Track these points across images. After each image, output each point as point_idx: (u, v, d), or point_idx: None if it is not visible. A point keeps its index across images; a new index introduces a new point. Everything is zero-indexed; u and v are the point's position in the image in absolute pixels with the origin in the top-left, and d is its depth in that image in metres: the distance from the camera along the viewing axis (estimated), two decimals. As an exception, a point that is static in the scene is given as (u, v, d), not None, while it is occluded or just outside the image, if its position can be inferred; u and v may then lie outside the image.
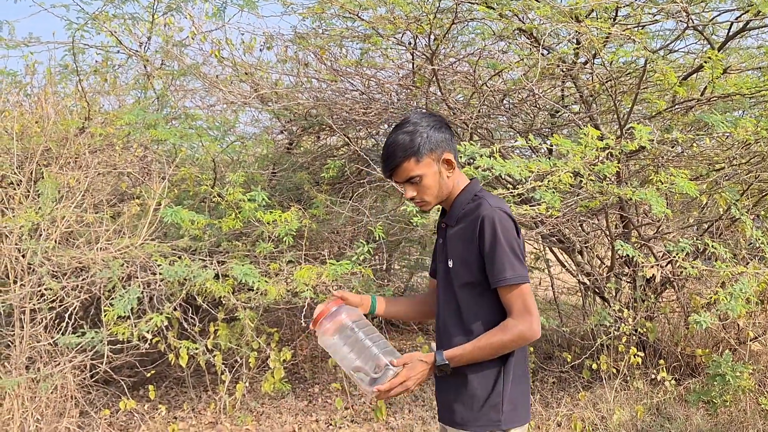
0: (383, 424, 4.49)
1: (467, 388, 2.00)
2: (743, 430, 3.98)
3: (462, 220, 2.02)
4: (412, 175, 1.96)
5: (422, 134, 1.96)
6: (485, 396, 1.99)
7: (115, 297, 3.96)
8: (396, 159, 1.95)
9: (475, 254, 1.95)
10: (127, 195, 4.81)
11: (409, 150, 1.94)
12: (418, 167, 1.95)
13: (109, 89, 5.03)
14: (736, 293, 3.87)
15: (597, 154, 3.88)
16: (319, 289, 4.23)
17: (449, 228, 2.06)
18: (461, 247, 1.99)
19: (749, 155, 4.51)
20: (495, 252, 1.91)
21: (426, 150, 1.96)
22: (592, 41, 3.97)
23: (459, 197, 2.04)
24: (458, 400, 2.02)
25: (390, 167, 1.98)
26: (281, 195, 5.03)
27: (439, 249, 2.14)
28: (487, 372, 2.00)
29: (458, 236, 2.02)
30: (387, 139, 2.01)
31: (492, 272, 1.93)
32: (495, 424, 1.99)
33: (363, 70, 4.84)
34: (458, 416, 2.01)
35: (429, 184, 1.98)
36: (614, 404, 4.39)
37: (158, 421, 4.48)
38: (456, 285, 2.01)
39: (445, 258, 2.06)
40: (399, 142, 1.95)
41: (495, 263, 1.92)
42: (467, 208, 2.01)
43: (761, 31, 4.53)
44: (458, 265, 2.00)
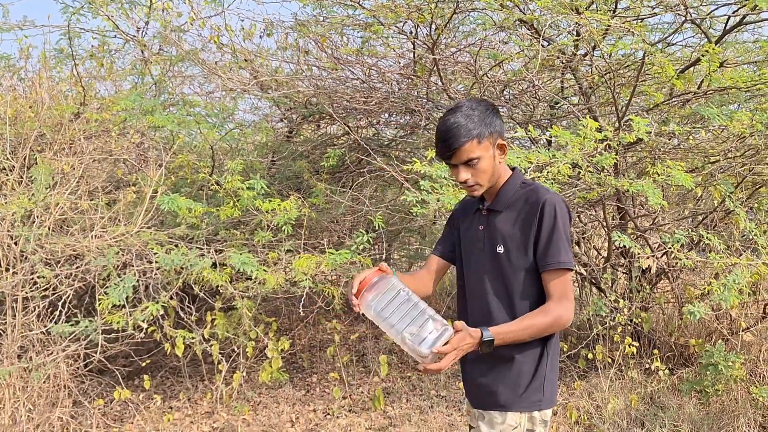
0: (381, 414, 4.49)
1: (513, 369, 2.02)
2: (734, 419, 4.03)
3: (513, 207, 2.04)
4: (472, 156, 1.96)
5: (482, 117, 1.97)
6: (530, 377, 2.02)
7: (110, 285, 3.90)
8: (459, 140, 1.94)
9: (531, 239, 1.98)
10: (123, 182, 4.74)
11: (473, 131, 1.95)
12: (479, 149, 1.97)
13: (106, 74, 4.94)
14: (729, 284, 3.92)
15: (595, 146, 3.92)
16: (318, 278, 4.22)
17: (495, 213, 2.07)
18: (518, 233, 2.01)
19: (744, 148, 4.57)
20: (553, 235, 1.95)
21: (486, 133, 1.97)
22: (591, 33, 3.99)
23: (507, 184, 2.08)
24: (502, 382, 2.04)
25: (452, 148, 1.96)
26: (280, 183, 4.99)
27: (476, 235, 2.12)
28: (532, 353, 2.03)
29: (510, 222, 2.03)
30: (444, 121, 1.99)
31: (546, 254, 1.96)
32: (536, 405, 2.03)
33: (364, 58, 4.81)
34: (502, 398, 2.03)
35: (485, 167, 2.00)
36: (609, 393, 4.43)
37: (153, 411, 4.43)
38: (509, 270, 2.02)
39: (491, 243, 2.06)
40: (462, 123, 1.95)
41: (551, 246, 1.96)
42: (517, 195, 2.05)
43: (757, 26, 4.58)
44: (513, 250, 2.01)
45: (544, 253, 1.96)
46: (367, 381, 4.99)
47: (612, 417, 4.19)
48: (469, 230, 2.17)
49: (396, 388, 4.90)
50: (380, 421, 4.41)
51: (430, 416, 4.41)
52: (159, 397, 4.35)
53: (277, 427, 4.31)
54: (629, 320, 4.64)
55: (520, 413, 2.02)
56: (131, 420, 4.37)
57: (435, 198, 3.81)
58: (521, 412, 2.02)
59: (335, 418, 4.42)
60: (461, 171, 2.00)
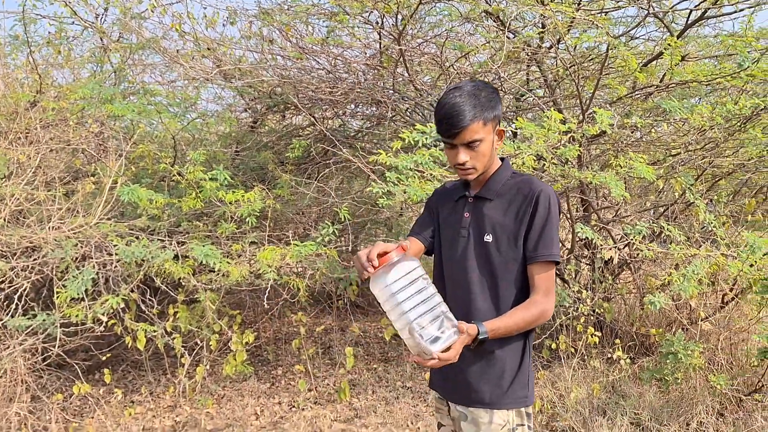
0: (347, 405, 4.48)
1: (496, 365, 1.98)
2: (693, 407, 4.11)
3: (504, 196, 2.00)
4: (476, 138, 1.90)
5: (489, 99, 1.92)
6: (514, 373, 1.98)
7: (69, 278, 3.82)
8: (466, 119, 1.86)
9: (522, 230, 1.94)
10: (81, 172, 4.62)
11: (480, 112, 1.88)
12: (483, 131, 1.91)
13: (63, 62, 4.80)
14: (688, 275, 4.00)
15: (560, 138, 3.94)
16: (283, 270, 4.18)
17: (483, 201, 2.02)
18: (509, 223, 1.96)
19: (704, 141, 4.65)
20: (545, 227, 1.92)
21: (491, 116, 1.92)
22: (556, 25, 4.00)
23: (498, 172, 2.03)
24: (484, 379, 1.99)
25: (458, 126, 1.87)
26: (244, 174, 4.92)
27: (460, 222, 2.05)
28: (514, 348, 1.99)
29: (501, 211, 1.98)
30: (450, 98, 1.90)
31: (537, 246, 1.93)
32: (522, 401, 1.99)
33: (329, 48, 4.75)
34: (487, 396, 1.98)
35: (485, 151, 1.93)
36: (572, 382, 4.49)
37: (114, 406, 4.36)
38: (497, 260, 1.97)
39: (478, 232, 2.00)
40: (469, 102, 1.87)
41: (543, 237, 1.92)
42: (508, 184, 2.01)
43: (718, 20, 4.65)
44: (503, 240, 1.96)
45: (536, 244, 1.92)
46: (333, 373, 4.98)
47: (575, 406, 4.24)
48: (451, 217, 2.11)
49: (362, 379, 4.90)
50: (346, 412, 4.40)
51: (396, 407, 4.42)
52: (120, 392, 4.28)
53: (242, 420, 4.27)
54: (592, 310, 4.71)
55: (508, 410, 1.97)
56: (91, 415, 4.29)
57: (401, 189, 3.79)
58: (508, 409, 1.97)
59: (300, 411, 4.40)
60: (461, 152, 1.92)
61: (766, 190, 5.17)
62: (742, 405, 4.11)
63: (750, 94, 4.58)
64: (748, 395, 4.12)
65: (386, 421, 4.25)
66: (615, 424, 4.00)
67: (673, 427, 3.94)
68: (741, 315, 4.85)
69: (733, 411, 4.10)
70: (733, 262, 4.03)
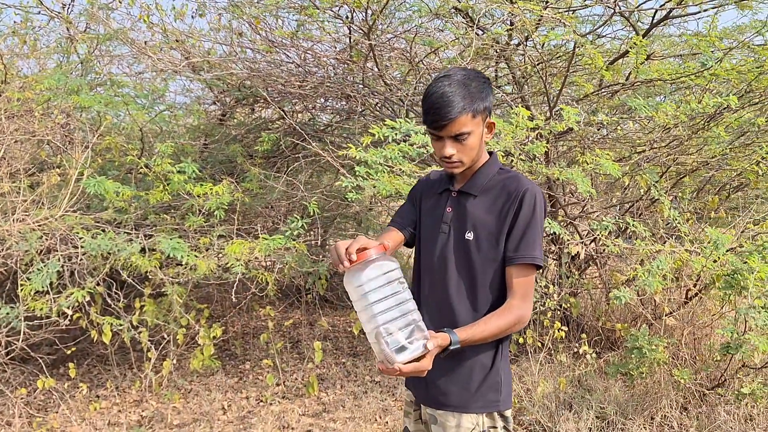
0: (315, 400, 4.48)
1: (464, 366, 1.89)
2: (657, 401, 4.17)
3: (489, 192, 1.90)
4: (464, 131, 1.79)
5: (480, 90, 1.81)
6: (483, 375, 1.88)
7: (33, 271, 3.77)
8: (453, 111, 1.76)
9: (505, 230, 1.84)
10: (46, 164, 4.57)
11: (470, 103, 1.78)
12: (472, 124, 1.80)
13: (29, 52, 4.73)
14: (653, 270, 4.05)
15: (527, 135, 3.98)
16: (251, 264, 4.17)
17: (467, 197, 1.92)
18: (491, 221, 1.87)
19: (669, 139, 4.72)
20: (528, 228, 1.82)
21: (480, 108, 1.81)
22: (524, 23, 4.05)
23: (485, 167, 1.93)
24: (452, 380, 1.90)
25: (446, 118, 1.77)
26: (213, 167, 4.89)
27: (441, 217, 1.96)
28: (485, 348, 1.89)
29: (484, 208, 1.88)
30: (438, 87, 1.79)
31: (518, 247, 1.83)
32: (494, 405, 1.89)
33: (299, 42, 4.75)
34: (454, 398, 1.89)
35: (473, 144, 1.83)
36: (539, 377, 4.53)
37: (79, 400, 4.31)
38: (476, 259, 1.87)
39: (460, 228, 1.91)
40: (458, 93, 1.77)
41: (525, 238, 1.82)
42: (494, 180, 1.90)
43: (683, 20, 4.73)
44: (484, 239, 1.87)
45: (517, 245, 1.82)
46: (301, 368, 4.98)
47: (541, 400, 4.29)
48: (433, 211, 2.01)
49: (330, 374, 4.90)
50: (314, 407, 4.40)
51: (364, 402, 4.43)
52: (85, 386, 4.24)
53: (209, 415, 4.25)
54: (559, 305, 4.76)
55: (477, 414, 1.87)
56: (56, 409, 4.24)
57: (371, 184, 3.80)
58: (477, 413, 1.87)
59: (268, 405, 4.39)
60: (447, 145, 1.82)
61: (728, 188, 5.27)
62: (706, 399, 4.18)
63: (714, 93, 4.67)
64: (711, 389, 4.19)
65: (354, 415, 4.26)
66: (581, 418, 4.05)
67: (638, 421, 3.99)
68: (704, 310, 4.93)
69: (696, 405, 4.17)
70: (696, 258, 4.09)
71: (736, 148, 4.85)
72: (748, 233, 4.63)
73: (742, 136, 4.90)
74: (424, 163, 4.60)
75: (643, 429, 3.92)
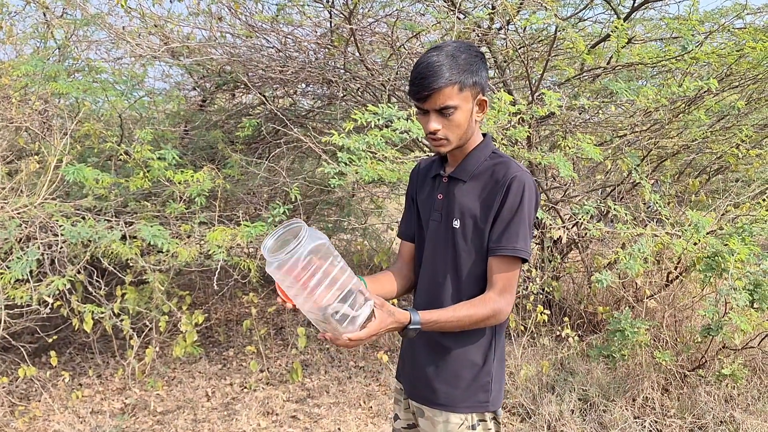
0: (299, 386, 4.49)
1: (452, 363, 1.83)
2: (639, 382, 4.22)
3: (479, 178, 1.81)
4: (449, 104, 1.68)
5: (469, 62, 1.70)
6: (474, 374, 1.83)
7: (12, 259, 3.73)
8: (439, 80, 1.65)
9: (491, 219, 1.76)
10: (25, 151, 4.51)
11: (456, 75, 1.67)
12: (458, 98, 1.69)
13: (5, 38, 4.66)
14: (635, 253, 4.07)
15: (509, 119, 3.98)
16: (233, 251, 4.15)
17: (456, 182, 1.84)
18: (478, 210, 1.78)
19: (650, 122, 4.74)
20: (513, 217, 1.73)
21: (470, 82, 1.70)
22: (506, 7, 4.03)
23: (475, 151, 1.83)
24: (440, 377, 1.84)
25: (430, 88, 1.66)
26: (194, 154, 4.85)
27: (434, 204, 1.89)
28: (476, 345, 1.83)
29: (473, 195, 1.80)
30: (426, 57, 1.70)
31: (501, 237, 1.74)
32: (483, 406, 1.84)
33: (279, 26, 4.70)
34: (441, 396, 1.83)
35: (460, 121, 1.72)
36: (522, 360, 4.56)
37: (61, 388, 4.30)
38: (462, 248, 1.80)
39: (447, 216, 1.84)
40: (444, 63, 1.66)
41: (509, 229, 1.73)
42: (484, 165, 1.81)
43: (664, 3, 4.74)
44: (470, 227, 1.79)
45: (500, 235, 1.73)
46: (285, 354, 4.98)
47: (525, 383, 4.32)
48: (428, 199, 1.93)
49: (314, 360, 4.91)
50: (298, 393, 4.41)
51: (348, 387, 4.44)
52: (67, 374, 4.22)
53: (193, 402, 4.25)
54: (541, 289, 4.78)
55: (465, 414, 1.82)
56: (38, 398, 4.23)
57: (353, 170, 3.78)
58: (465, 413, 1.82)
59: (252, 392, 4.40)
60: (432, 119, 1.72)
61: (709, 171, 5.31)
62: (687, 380, 4.23)
63: (695, 76, 4.68)
64: (692, 371, 4.24)
65: (339, 400, 4.27)
66: (563, 400, 4.09)
67: (619, 402, 4.04)
68: (685, 293, 4.98)
69: (677, 386, 4.22)
70: (678, 241, 4.11)
71: (716, 131, 4.88)
72: (729, 216, 4.67)
73: (722, 119, 4.92)
74: (406, 148, 4.59)
75: (625, 410, 3.97)
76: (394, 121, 3.68)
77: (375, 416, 4.07)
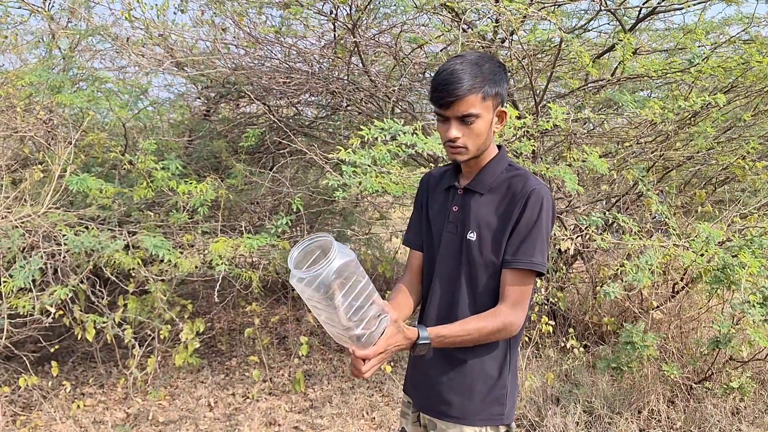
0: (302, 396, 4.47)
1: (467, 375, 1.81)
2: (645, 395, 4.18)
3: (496, 191, 1.80)
4: (471, 112, 1.68)
5: (493, 72, 1.71)
6: (487, 387, 1.81)
7: (15, 268, 3.74)
8: (463, 87, 1.66)
9: (508, 231, 1.75)
10: (29, 160, 4.53)
11: (480, 83, 1.67)
12: (481, 107, 1.69)
13: (9, 47, 4.68)
14: (642, 265, 4.03)
15: (515, 133, 3.96)
16: (236, 261, 4.14)
17: (472, 194, 1.83)
18: (496, 222, 1.77)
19: (655, 134, 4.72)
20: (531, 230, 1.72)
21: (492, 92, 1.70)
22: (510, 21, 4.02)
23: (492, 163, 1.83)
24: (454, 390, 1.82)
25: (454, 95, 1.66)
26: (197, 164, 4.86)
27: (448, 216, 1.87)
28: (491, 357, 1.81)
29: (490, 208, 1.79)
30: (449, 65, 1.70)
31: (518, 249, 1.73)
32: (497, 419, 1.82)
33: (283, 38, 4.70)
34: (455, 409, 1.82)
35: (480, 129, 1.72)
36: (526, 371, 4.53)
37: (63, 398, 4.29)
38: (479, 262, 1.79)
39: (463, 228, 1.82)
40: (469, 71, 1.67)
41: (526, 242, 1.73)
42: (501, 178, 1.81)
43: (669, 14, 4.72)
44: (488, 240, 1.78)
45: (516, 248, 1.73)
46: (288, 363, 4.96)
47: (529, 395, 4.29)
48: (441, 211, 1.92)
49: (317, 370, 4.89)
50: (301, 403, 4.39)
51: (351, 398, 4.42)
52: (69, 384, 4.22)
53: (195, 412, 4.24)
54: (546, 300, 4.75)
55: (479, 428, 1.81)
56: (40, 407, 4.22)
57: (357, 182, 3.77)
58: (478, 426, 1.81)
59: (255, 402, 4.38)
60: (453, 126, 1.71)
61: (715, 182, 5.27)
62: (693, 393, 4.19)
63: (700, 89, 4.66)
64: (699, 383, 4.20)
65: (342, 411, 4.25)
66: (568, 412, 4.06)
67: (625, 414, 4.01)
68: (691, 304, 4.95)
69: (683, 399, 4.18)
70: (686, 253, 4.07)
71: (722, 142, 4.85)
72: (735, 227, 4.63)
73: (728, 131, 4.89)
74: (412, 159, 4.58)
75: (631, 423, 3.93)
76: (400, 136, 3.66)
77: (378, 427, 4.05)
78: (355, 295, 1.54)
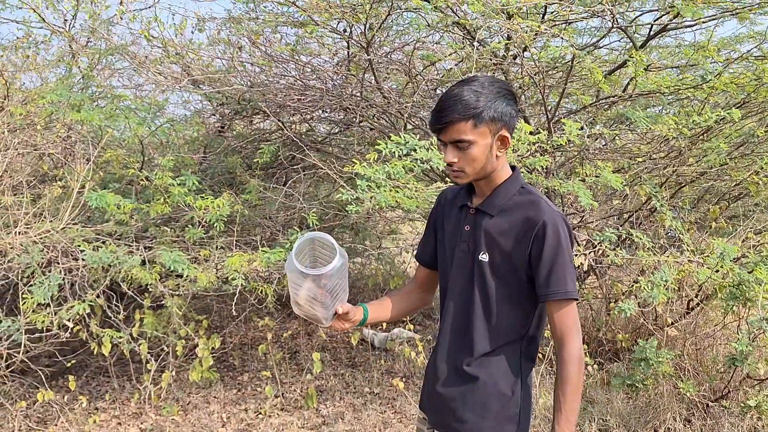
0: (314, 412, 4.47)
1: (479, 391, 1.82)
2: (661, 413, 4.14)
3: (508, 214, 1.81)
4: (463, 138, 1.71)
5: (490, 99, 1.71)
6: (500, 405, 1.81)
7: (34, 283, 3.79)
8: (453, 114, 1.69)
9: (523, 257, 1.77)
10: (48, 177, 4.60)
11: (471, 110, 1.69)
12: (473, 133, 1.71)
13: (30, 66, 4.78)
14: (657, 281, 4.00)
15: (528, 149, 3.98)
16: (251, 275, 4.17)
17: (485, 216, 1.83)
18: (509, 245, 1.78)
19: (668, 149, 4.72)
20: (557, 261, 1.73)
21: (487, 117, 1.71)
22: (522, 38, 4.06)
23: (504, 185, 1.83)
24: (467, 407, 1.83)
25: (443, 121, 1.71)
26: (212, 179, 4.92)
27: (461, 235, 1.88)
28: (504, 373, 1.82)
29: (503, 231, 1.80)
30: (448, 91, 1.75)
31: (549, 282, 1.74)
32: None
33: (298, 56, 4.78)
34: (469, 427, 1.81)
35: (476, 155, 1.74)
36: (540, 389, 4.50)
37: (78, 413, 4.31)
38: (492, 283, 1.81)
39: (475, 248, 1.84)
40: (463, 97, 1.69)
41: (555, 272, 1.73)
42: (514, 200, 1.82)
43: (680, 31, 4.75)
44: (499, 261, 1.80)
45: (547, 280, 1.73)
46: (300, 379, 4.96)
47: (543, 412, 4.27)
48: (454, 230, 1.92)
49: (329, 386, 4.89)
50: (313, 419, 4.38)
51: (364, 414, 4.41)
52: (84, 398, 4.24)
53: (208, 428, 4.24)
54: (559, 316, 4.72)
55: None
56: (55, 422, 4.24)
57: (369, 196, 3.79)
58: None
59: (267, 418, 4.38)
60: (448, 151, 1.75)
61: (728, 197, 5.26)
62: (709, 411, 4.14)
63: (712, 104, 4.67)
64: (715, 401, 4.15)
65: (354, 428, 4.24)
66: (583, 430, 4.03)
67: (640, 433, 3.97)
68: (707, 321, 4.91)
69: (700, 417, 4.13)
70: (702, 269, 4.04)
71: (735, 158, 4.85)
72: (750, 243, 4.61)
73: (741, 146, 4.89)
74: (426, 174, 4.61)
75: (646, 441, 3.89)
76: (416, 151, 3.69)
77: (391, 444, 4.04)
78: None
